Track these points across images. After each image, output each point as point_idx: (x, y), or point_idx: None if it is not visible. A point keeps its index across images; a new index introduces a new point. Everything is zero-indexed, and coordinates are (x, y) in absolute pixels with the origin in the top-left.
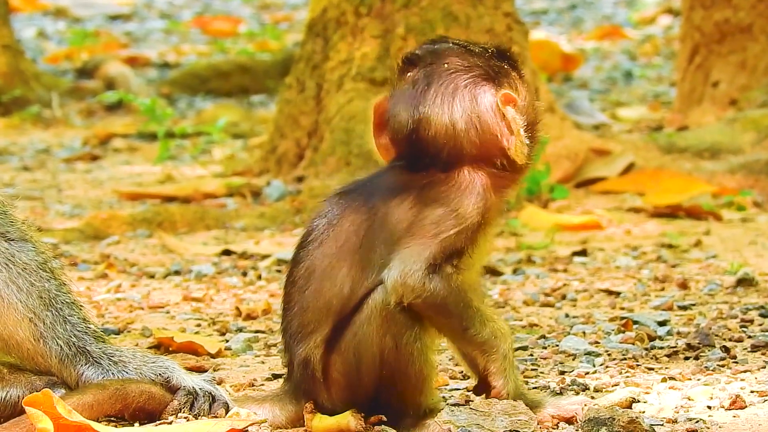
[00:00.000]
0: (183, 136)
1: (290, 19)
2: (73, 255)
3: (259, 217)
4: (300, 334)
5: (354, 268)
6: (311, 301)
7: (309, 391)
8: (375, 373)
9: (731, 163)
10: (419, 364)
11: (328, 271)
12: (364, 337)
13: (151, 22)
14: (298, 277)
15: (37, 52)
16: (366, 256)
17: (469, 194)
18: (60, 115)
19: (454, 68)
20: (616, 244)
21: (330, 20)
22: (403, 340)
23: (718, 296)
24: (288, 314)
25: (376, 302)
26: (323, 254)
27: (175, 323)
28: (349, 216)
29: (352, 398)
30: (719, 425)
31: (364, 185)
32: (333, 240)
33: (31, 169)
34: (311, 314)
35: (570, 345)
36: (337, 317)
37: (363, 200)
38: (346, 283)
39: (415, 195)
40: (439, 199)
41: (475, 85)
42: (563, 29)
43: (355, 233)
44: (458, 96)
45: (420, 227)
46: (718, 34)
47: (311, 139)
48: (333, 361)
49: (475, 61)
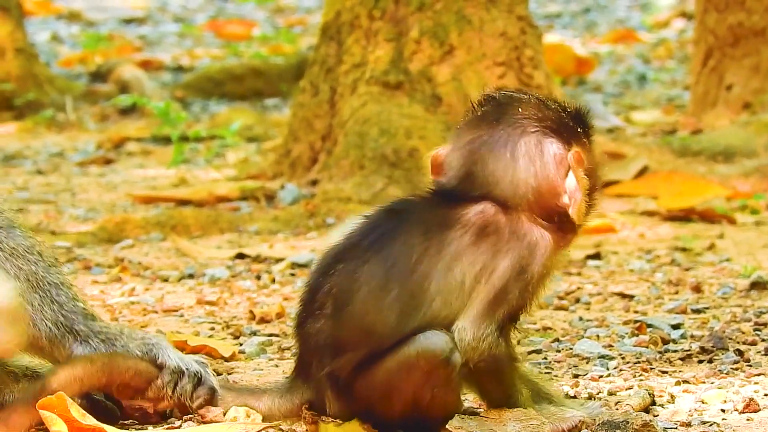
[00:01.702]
0: (197, 139)
1: (304, 22)
2: (87, 258)
3: (272, 220)
4: (332, 347)
5: (403, 296)
6: (351, 320)
7: (322, 401)
8: (402, 412)
9: (745, 167)
10: (449, 412)
11: (375, 293)
12: (402, 379)
13: (165, 25)
14: (336, 287)
15: (50, 55)
16: (419, 286)
17: (532, 247)
18: (74, 118)
19: (528, 115)
20: (630, 247)
21: (344, 24)
22: (441, 393)
23: (731, 299)
24: (316, 318)
25: (427, 351)
26: (371, 272)
27: (189, 326)
28: (401, 237)
29: (368, 420)
30: (733, 428)
31: (415, 206)
32: (382, 259)
33: (44, 173)
34: (349, 333)
35: (584, 348)
36: (377, 343)
37: (418, 220)
38: (394, 311)
39: (475, 234)
40: (506, 251)
41: (546, 137)
42: (577, 33)
43: (408, 257)
44: (527, 142)
45: (489, 284)
46: (732, 38)
47: (325, 143)
48: (361, 386)
49: (549, 115)
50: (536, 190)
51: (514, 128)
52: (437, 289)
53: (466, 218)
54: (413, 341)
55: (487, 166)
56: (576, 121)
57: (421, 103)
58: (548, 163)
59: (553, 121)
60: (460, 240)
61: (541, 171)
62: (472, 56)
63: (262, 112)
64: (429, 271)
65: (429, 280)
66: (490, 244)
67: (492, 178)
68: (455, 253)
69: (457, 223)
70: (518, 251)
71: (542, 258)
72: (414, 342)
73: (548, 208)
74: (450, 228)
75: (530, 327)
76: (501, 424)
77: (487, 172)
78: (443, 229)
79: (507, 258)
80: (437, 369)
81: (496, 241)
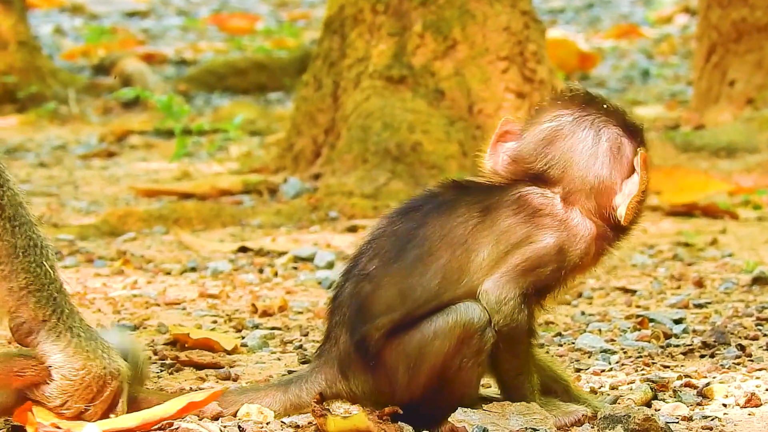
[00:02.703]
0: (200, 133)
1: (307, 16)
2: (90, 251)
3: (275, 214)
4: (367, 310)
5: (451, 263)
6: (395, 278)
7: (346, 370)
8: (428, 382)
9: (748, 162)
10: (472, 389)
11: (425, 257)
12: (434, 347)
13: (168, 19)
14: (387, 245)
15: (53, 48)
16: (468, 256)
17: (577, 235)
18: (76, 111)
19: (611, 111)
20: (633, 242)
21: (347, 18)
22: (469, 364)
23: (733, 294)
24: (357, 280)
25: (464, 320)
26: (425, 236)
27: (191, 320)
28: (460, 207)
29: (388, 391)
30: (735, 423)
31: (479, 186)
32: (439, 225)
33: (47, 166)
34: (389, 293)
35: (586, 342)
36: (414, 308)
37: (478, 198)
38: (437, 277)
39: (528, 213)
40: (552, 231)
41: (624, 136)
42: (580, 28)
43: (464, 227)
44: (609, 136)
45: (524, 252)
46: (735, 33)
47: (328, 137)
48: (391, 352)
49: (626, 116)
50: (601, 183)
51: (599, 119)
52: (481, 263)
53: (524, 199)
54: (452, 310)
55: (565, 147)
56: (641, 128)
57: (424, 98)
58: (623, 160)
59: (629, 124)
60: (514, 218)
61: (614, 165)
62: (475, 51)
63: (265, 105)
64: (479, 245)
65: (477, 253)
66: (538, 223)
67: (565, 160)
68: (505, 229)
69: (514, 203)
70: (563, 234)
71: (584, 246)
72: (453, 311)
73: (603, 205)
74: (506, 207)
75: None
76: (504, 417)
77: (562, 152)
78: (500, 207)
79: (550, 236)
80: (471, 338)
81: (546, 222)
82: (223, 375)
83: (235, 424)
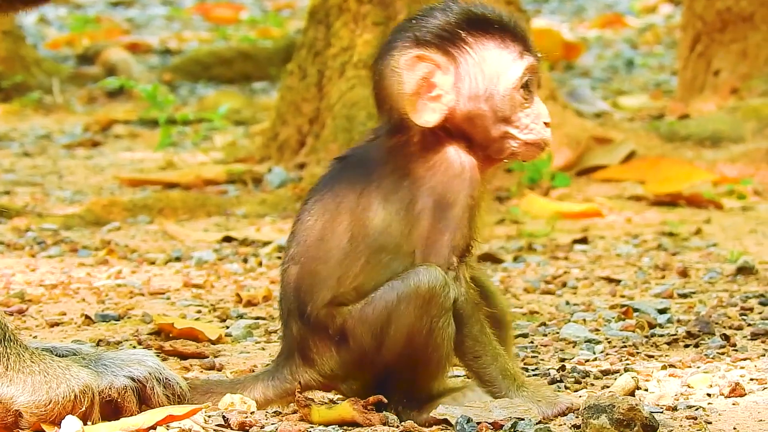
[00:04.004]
0: (184, 122)
1: (292, 6)
2: (74, 241)
3: (260, 203)
4: (304, 289)
5: (354, 223)
6: (311, 252)
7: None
8: (399, 348)
9: (732, 152)
10: (445, 350)
11: (328, 224)
12: (400, 311)
13: (152, 8)
14: (300, 229)
15: (38, 38)
16: (366, 214)
17: (456, 178)
18: (61, 101)
19: (404, 29)
20: (617, 232)
21: (332, 7)
22: (439, 324)
23: (718, 284)
24: (289, 267)
25: (424, 281)
26: (325, 207)
27: (176, 309)
28: (347, 174)
29: (359, 368)
30: (719, 413)
31: (360, 151)
32: (333, 195)
33: (31, 155)
34: (312, 266)
35: (570, 332)
36: (342, 272)
37: (359, 163)
38: (346, 236)
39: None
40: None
41: (405, 44)
42: (565, 17)
43: (352, 191)
44: (389, 56)
45: (431, 228)
46: (720, 23)
47: (313, 126)
48: (352, 324)
49: (422, 23)
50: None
51: (394, 45)
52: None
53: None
54: (411, 274)
55: (383, 85)
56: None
57: None
58: (417, 71)
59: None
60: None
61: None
62: None
63: (249, 95)
64: (371, 203)
65: (374, 212)
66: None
67: (386, 96)
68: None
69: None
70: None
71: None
72: (412, 275)
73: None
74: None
75: (517, 311)
76: (486, 411)
77: (381, 90)
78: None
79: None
80: (435, 297)
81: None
82: (207, 365)
83: (220, 414)
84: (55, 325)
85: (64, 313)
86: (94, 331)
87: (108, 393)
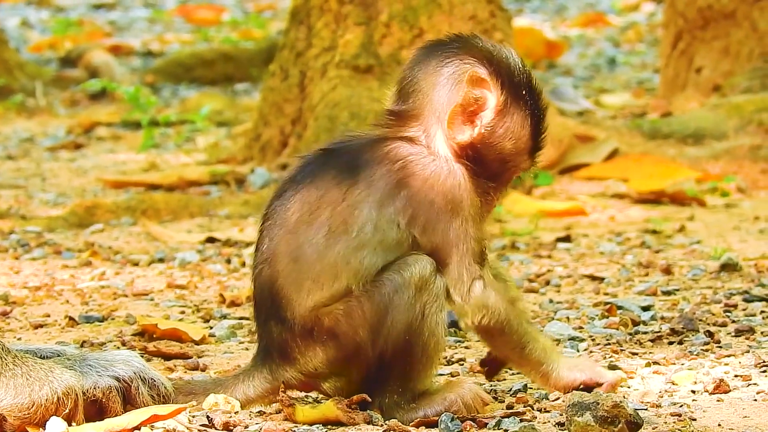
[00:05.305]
0: (167, 124)
1: (273, 7)
2: (58, 243)
3: (243, 204)
4: (282, 291)
5: (334, 217)
6: (285, 249)
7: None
8: (395, 340)
9: (715, 149)
10: (438, 335)
11: (305, 217)
12: (395, 301)
13: (134, 11)
14: (270, 227)
15: (20, 41)
16: (350, 211)
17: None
18: (44, 104)
19: (465, 46)
20: (600, 229)
21: (313, 7)
22: (432, 309)
23: (701, 281)
24: (262, 269)
25: (416, 270)
26: (303, 200)
27: (160, 310)
28: (331, 170)
29: (348, 365)
30: (703, 409)
31: (348, 145)
32: (315, 188)
33: (15, 158)
34: (287, 266)
35: (554, 330)
36: (318, 271)
37: (348, 158)
38: (323, 230)
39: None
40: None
41: (470, 61)
42: (547, 16)
43: (338, 188)
44: (449, 62)
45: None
46: (702, 21)
47: (295, 127)
48: (341, 321)
49: (487, 52)
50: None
51: (444, 54)
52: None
53: (393, 153)
54: (403, 265)
55: (419, 87)
56: (489, 52)
57: (391, 87)
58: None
59: (478, 52)
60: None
61: (457, 91)
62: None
63: (232, 96)
64: (358, 202)
65: (359, 209)
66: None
67: (420, 99)
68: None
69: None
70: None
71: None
72: (404, 266)
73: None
74: (378, 163)
75: None
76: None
77: (417, 92)
78: (371, 163)
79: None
80: (427, 284)
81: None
82: (191, 365)
83: (204, 414)
84: (39, 327)
85: (48, 315)
86: (78, 333)
87: (93, 393)
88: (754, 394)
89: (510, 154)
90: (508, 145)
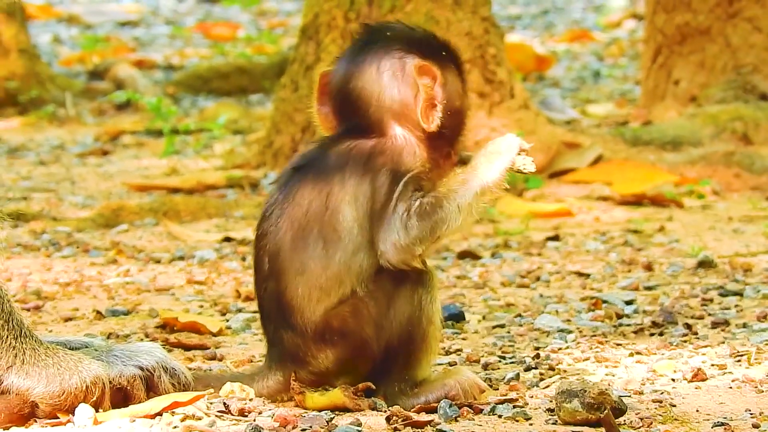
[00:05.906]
0: (187, 132)
1: (285, 24)
2: (86, 242)
3: (257, 206)
4: (290, 304)
5: (325, 228)
6: (288, 265)
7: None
8: (399, 332)
9: (692, 155)
10: (436, 325)
11: (299, 233)
12: (395, 300)
13: (157, 27)
14: (267, 244)
15: (52, 56)
16: (336, 217)
17: (405, 153)
18: (73, 113)
19: (389, 39)
20: (586, 229)
21: (321, 24)
22: (428, 299)
23: (680, 277)
24: (267, 284)
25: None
26: (292, 218)
27: (180, 304)
28: (308, 182)
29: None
30: (682, 396)
31: (314, 157)
32: (298, 205)
33: (46, 164)
34: (294, 279)
35: (544, 323)
36: (323, 280)
37: (318, 167)
38: (319, 244)
39: (363, 162)
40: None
41: (401, 53)
42: (536, 33)
43: (318, 197)
44: (384, 61)
45: (382, 200)
46: (679, 36)
47: (305, 135)
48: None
49: (408, 37)
50: (399, 105)
51: (377, 53)
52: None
53: (356, 149)
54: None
55: (358, 86)
56: (438, 46)
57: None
58: (408, 78)
59: (412, 43)
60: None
61: (400, 85)
62: None
63: (246, 106)
64: (340, 205)
65: (342, 214)
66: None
67: (364, 98)
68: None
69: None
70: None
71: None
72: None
73: (413, 124)
74: (346, 163)
75: (494, 303)
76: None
77: (358, 92)
78: (340, 165)
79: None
80: (422, 276)
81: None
82: (209, 355)
83: (221, 401)
84: (69, 320)
85: (77, 309)
86: (104, 325)
87: (118, 381)
88: (730, 382)
89: (458, 110)
90: (456, 104)
